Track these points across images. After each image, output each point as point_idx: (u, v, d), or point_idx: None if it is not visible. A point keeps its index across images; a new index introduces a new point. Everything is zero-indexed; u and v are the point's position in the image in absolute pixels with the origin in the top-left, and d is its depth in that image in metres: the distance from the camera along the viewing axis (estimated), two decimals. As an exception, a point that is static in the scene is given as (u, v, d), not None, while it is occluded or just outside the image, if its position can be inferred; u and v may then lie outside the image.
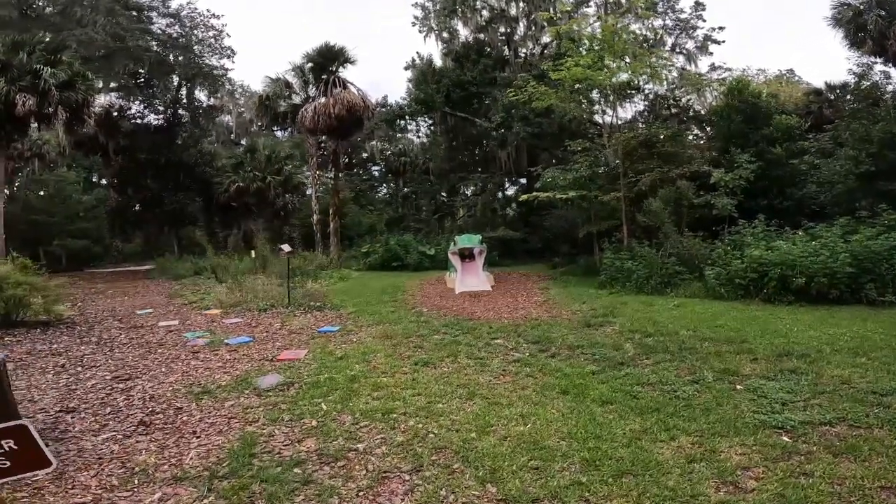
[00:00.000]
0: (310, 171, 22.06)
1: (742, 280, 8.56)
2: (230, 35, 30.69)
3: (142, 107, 26.60)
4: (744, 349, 5.33)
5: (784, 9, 50.76)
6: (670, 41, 20.97)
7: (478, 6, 21.21)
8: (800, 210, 12.17)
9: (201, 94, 28.30)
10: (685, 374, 4.64)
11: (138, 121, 26.54)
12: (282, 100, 19.53)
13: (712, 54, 21.06)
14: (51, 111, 13.99)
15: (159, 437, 3.73)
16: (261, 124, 27.60)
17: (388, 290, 11.83)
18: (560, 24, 14.29)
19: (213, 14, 24.66)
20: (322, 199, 21.71)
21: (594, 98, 15.04)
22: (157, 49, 22.18)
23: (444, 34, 22.26)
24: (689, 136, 17.46)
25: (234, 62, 47.03)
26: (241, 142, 33.35)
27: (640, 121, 18.09)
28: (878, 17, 16.38)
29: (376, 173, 32.30)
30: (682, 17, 20.78)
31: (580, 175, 13.29)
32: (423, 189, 25.60)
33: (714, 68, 20.63)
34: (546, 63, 14.80)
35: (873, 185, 11.10)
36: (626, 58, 12.64)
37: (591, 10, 19.24)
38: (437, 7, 22.06)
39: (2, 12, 17.94)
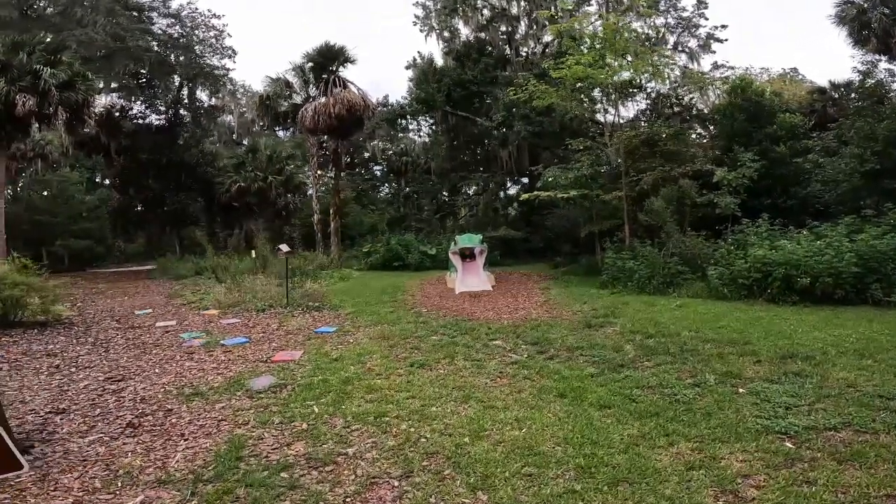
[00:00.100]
0: (311, 171, 21.98)
1: (745, 280, 8.45)
2: (231, 35, 30.88)
3: (143, 107, 26.64)
4: (747, 351, 5.23)
5: (786, 7, 50.49)
6: (672, 39, 20.83)
7: (479, 5, 21.11)
8: (804, 209, 12.04)
9: (203, 95, 28.37)
10: (686, 376, 4.54)
11: (140, 121, 26.59)
12: (282, 99, 19.48)
13: (715, 53, 20.94)
14: (51, 111, 14.00)
15: (146, 440, 3.68)
16: (262, 124, 27.58)
17: (387, 290, 11.76)
18: (561, 22, 14.16)
19: (213, 14, 24.76)
20: (323, 198, 21.66)
21: (596, 97, 14.93)
22: (158, 49, 22.19)
23: (445, 33, 22.17)
24: (692, 135, 17.31)
25: (235, 62, 47.24)
26: (243, 142, 33.37)
27: (642, 119, 17.94)
28: (882, 14, 16.20)
29: (378, 173, 32.23)
30: (685, 15, 20.64)
31: (581, 174, 13.18)
32: (424, 189, 25.51)
33: (717, 67, 20.49)
34: (547, 62, 14.68)
35: (878, 183, 10.95)
36: (627, 56, 12.51)
37: (592, 8, 19.11)
38: (438, 6, 21.96)
39: (2, 13, 17.99)
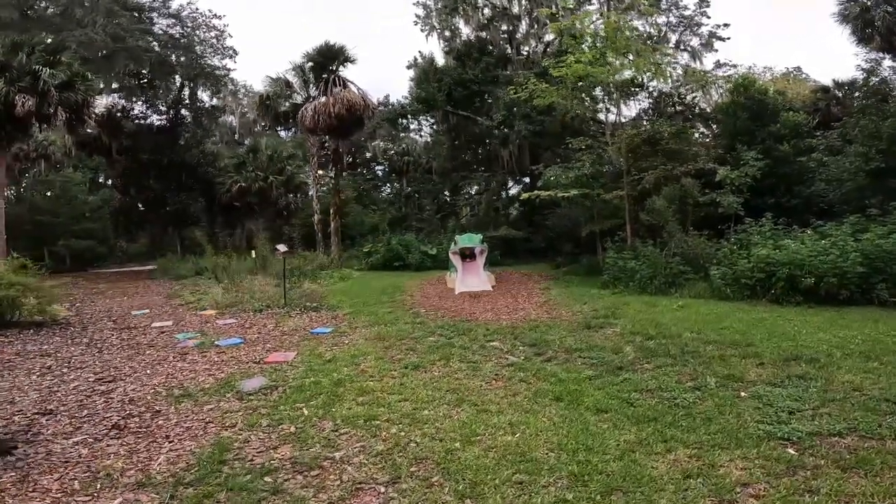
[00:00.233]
0: (311, 171, 21.92)
1: (749, 280, 8.33)
2: (232, 35, 30.88)
3: (144, 107, 26.67)
4: (749, 353, 5.11)
5: (789, 6, 50.16)
6: (674, 38, 20.69)
7: (479, 4, 21.00)
8: (808, 208, 11.89)
9: (204, 95, 28.37)
10: (687, 379, 4.42)
11: (141, 121, 26.62)
12: (282, 99, 19.41)
13: (717, 51, 20.79)
14: (50, 112, 13.98)
15: (130, 441, 3.62)
16: (264, 124, 27.56)
17: (387, 290, 11.67)
18: (562, 20, 14.05)
19: (214, 14, 24.73)
20: (324, 198, 21.59)
21: (597, 96, 14.80)
22: (159, 50, 22.19)
23: (445, 32, 22.07)
24: (695, 134, 17.15)
25: (235, 62, 47.22)
26: (245, 142, 33.38)
27: (644, 118, 17.81)
28: (886, 12, 16.03)
29: (380, 173, 32.18)
30: (686, 13, 20.49)
31: (582, 173, 13.06)
32: (425, 188, 25.43)
33: (719, 65, 20.32)
34: (548, 60, 14.55)
35: (884, 182, 10.80)
36: (629, 55, 12.39)
37: (593, 7, 18.98)
38: (439, 5, 21.86)
39: (3, 13, 18.03)
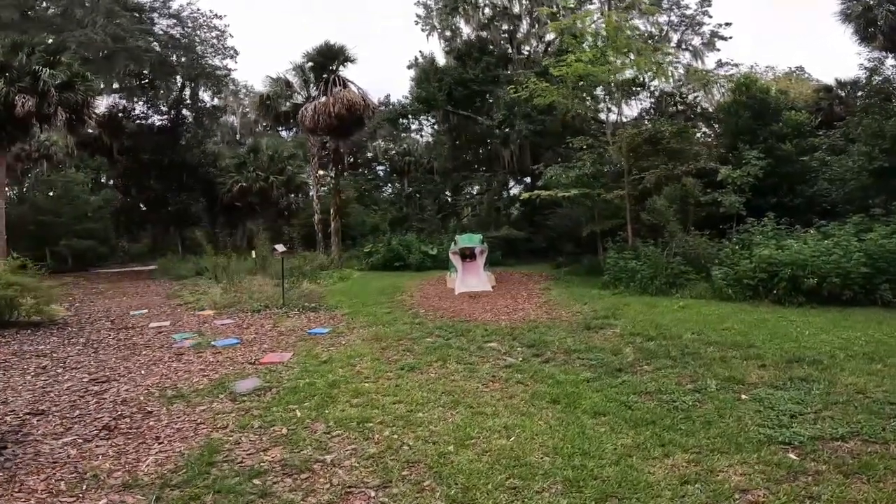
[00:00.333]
0: (311, 171, 21.88)
1: (751, 280, 8.24)
2: (233, 35, 30.83)
3: (145, 107, 26.67)
4: (751, 354, 5.03)
5: (791, 5, 49.95)
6: (676, 37, 20.56)
7: (480, 3, 20.92)
8: (811, 208, 11.78)
9: (205, 95, 28.35)
10: (687, 381, 4.34)
11: (142, 121, 26.62)
12: (283, 99, 19.37)
13: (719, 51, 20.65)
14: (50, 112, 13.97)
15: (120, 442, 3.58)
16: (265, 124, 27.55)
17: (386, 290, 11.62)
18: (562, 19, 13.97)
19: (215, 14, 24.68)
20: (324, 198, 21.54)
21: (599, 95, 14.72)
22: (159, 50, 22.17)
23: (446, 32, 21.99)
24: (697, 134, 17.04)
25: (236, 62, 47.26)
26: (246, 142, 33.35)
27: (645, 118, 17.70)
28: (889, 11, 15.88)
29: (381, 173, 32.14)
30: (688, 13, 20.37)
31: (583, 173, 12.98)
32: (426, 188, 25.36)
33: (721, 64, 20.15)
34: (548, 60, 14.48)
35: (887, 181, 10.70)
36: (630, 54, 12.31)
37: (594, 6, 18.89)
38: (440, 5, 21.79)
39: (4, 14, 18.05)
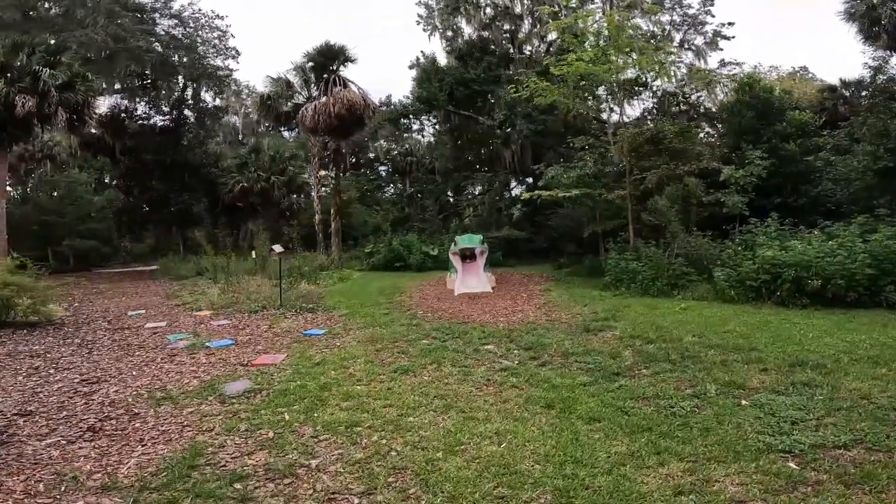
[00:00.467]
0: (312, 171, 21.83)
1: (754, 282, 8.12)
2: (234, 36, 30.89)
3: (147, 108, 26.72)
4: (753, 358, 4.92)
5: (790, 5, 49.60)
6: (678, 37, 20.36)
7: (481, 3, 20.84)
8: (815, 208, 11.62)
9: (207, 95, 28.38)
10: (686, 386, 4.24)
11: (144, 122, 26.67)
12: (283, 99, 19.33)
13: (722, 50, 20.41)
14: (51, 112, 13.97)
15: (104, 444, 3.54)
16: (268, 125, 27.54)
17: (385, 291, 11.55)
18: (564, 18, 13.86)
19: (217, 15, 24.72)
20: (325, 199, 21.50)
21: (601, 95, 14.60)
22: (160, 50, 22.19)
23: (447, 32, 21.91)
24: (700, 134, 16.88)
25: (238, 63, 47.45)
26: (249, 142, 33.37)
27: (648, 118, 17.56)
28: (893, 10, 15.72)
29: (383, 173, 32.09)
30: (690, 12, 20.18)
31: (584, 173, 12.86)
32: (428, 189, 25.29)
33: (724, 64, 19.95)
34: (549, 59, 14.36)
35: (892, 181, 10.54)
36: (632, 53, 12.19)
37: (595, 5, 18.75)
38: (441, 5, 21.72)
39: (5, 14, 18.10)
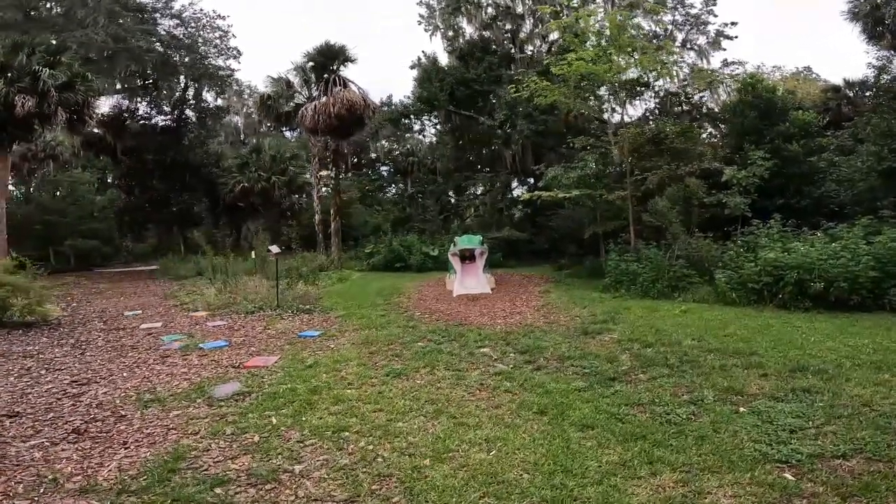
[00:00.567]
0: (312, 171, 21.79)
1: (755, 284, 8.01)
2: (236, 35, 30.87)
3: (149, 108, 26.74)
4: (753, 363, 4.81)
5: (790, 5, 49.25)
6: (681, 37, 20.19)
7: (483, 3, 20.74)
8: (818, 209, 11.47)
9: (208, 95, 28.38)
10: (683, 392, 4.14)
11: (145, 122, 26.69)
12: (283, 99, 19.30)
13: (725, 50, 20.22)
14: (50, 112, 13.95)
15: (87, 446, 3.50)
16: (269, 125, 27.52)
17: (384, 292, 11.48)
18: (565, 17, 13.75)
19: (218, 15, 24.67)
20: (325, 199, 21.45)
21: (603, 95, 14.48)
22: (161, 50, 22.18)
23: (449, 32, 21.81)
24: (703, 134, 16.74)
25: (240, 63, 47.43)
26: (252, 141, 33.38)
27: (650, 118, 17.42)
28: (896, 10, 15.56)
29: (385, 173, 32.04)
30: (693, 12, 20.01)
31: (585, 173, 12.76)
32: (429, 189, 25.22)
33: (727, 64, 19.75)
34: (550, 59, 14.26)
35: (898, 182, 10.39)
36: (634, 53, 12.08)
37: (597, 5, 18.60)
38: (443, 5, 21.63)
39: (6, 14, 18.14)
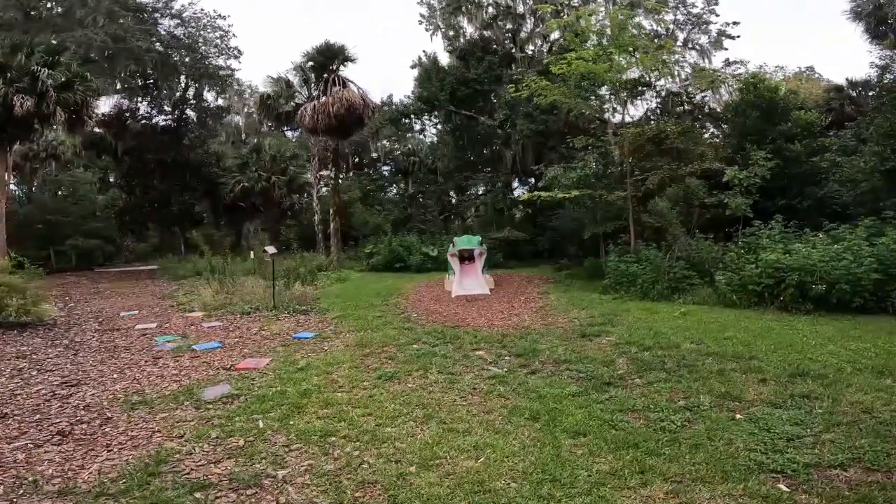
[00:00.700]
0: (312, 171, 21.76)
1: (756, 286, 7.91)
2: (236, 35, 30.87)
3: (149, 108, 26.75)
4: (751, 367, 4.73)
5: (791, 5, 48.98)
6: (682, 36, 20.04)
7: (483, 2, 20.66)
8: (820, 210, 11.33)
9: (209, 95, 28.37)
10: (679, 398, 4.05)
11: (146, 121, 26.70)
12: (283, 99, 19.27)
13: (727, 49, 20.05)
14: (49, 112, 13.94)
15: (70, 448, 3.47)
16: (270, 125, 27.51)
17: (382, 292, 11.41)
18: (565, 17, 13.66)
19: (219, 15, 24.65)
20: (325, 199, 21.41)
21: (603, 95, 14.38)
22: (161, 50, 22.17)
23: (449, 32, 21.72)
24: (705, 135, 16.61)
25: (240, 62, 47.45)
26: (252, 141, 33.39)
27: (651, 118, 17.30)
28: (899, 9, 15.44)
29: (386, 173, 31.98)
30: (695, 11, 19.86)
31: (585, 173, 12.66)
32: (429, 189, 25.14)
33: (729, 64, 19.60)
34: (550, 58, 14.16)
35: (901, 183, 10.23)
36: (635, 53, 11.98)
37: (597, 4, 18.47)
38: (443, 4, 21.56)
39: (6, 14, 18.14)
